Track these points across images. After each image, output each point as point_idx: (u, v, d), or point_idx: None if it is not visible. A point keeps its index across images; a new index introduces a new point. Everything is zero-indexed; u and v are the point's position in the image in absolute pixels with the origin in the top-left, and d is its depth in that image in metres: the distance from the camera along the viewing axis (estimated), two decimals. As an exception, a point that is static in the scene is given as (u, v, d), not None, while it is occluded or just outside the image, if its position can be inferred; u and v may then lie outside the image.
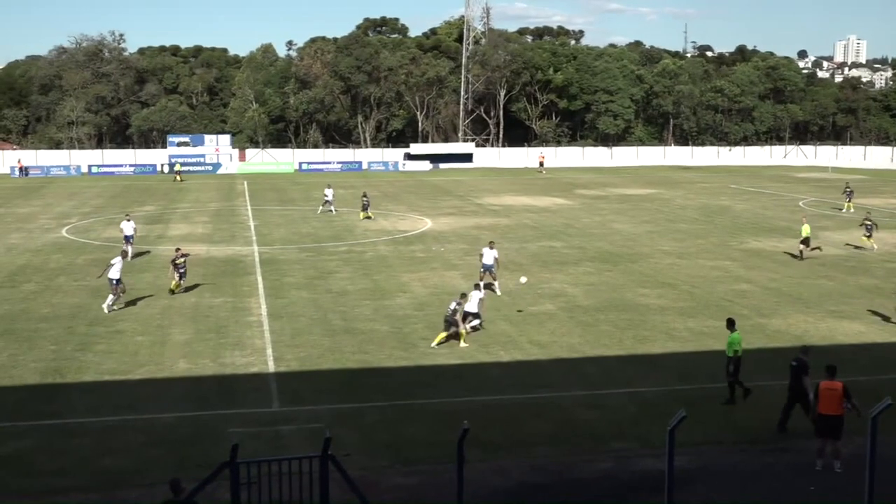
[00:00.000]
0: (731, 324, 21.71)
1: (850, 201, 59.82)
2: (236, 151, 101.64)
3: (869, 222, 43.31)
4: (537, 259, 40.56)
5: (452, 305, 26.09)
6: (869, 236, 42.92)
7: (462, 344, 25.82)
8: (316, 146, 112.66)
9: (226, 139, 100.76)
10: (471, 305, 26.93)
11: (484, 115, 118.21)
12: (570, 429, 19.87)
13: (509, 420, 20.23)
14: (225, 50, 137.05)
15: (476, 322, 27.29)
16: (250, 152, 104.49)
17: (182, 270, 32.72)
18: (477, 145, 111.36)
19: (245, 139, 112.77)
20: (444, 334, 25.96)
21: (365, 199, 55.88)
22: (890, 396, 15.46)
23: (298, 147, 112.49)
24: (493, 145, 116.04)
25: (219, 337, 27.07)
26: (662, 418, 16.18)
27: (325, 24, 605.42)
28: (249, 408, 21.03)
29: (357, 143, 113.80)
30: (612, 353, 25.79)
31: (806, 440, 18.23)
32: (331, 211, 57.78)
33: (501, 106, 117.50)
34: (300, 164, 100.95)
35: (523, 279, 32.93)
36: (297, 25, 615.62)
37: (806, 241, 40.14)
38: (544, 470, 17.67)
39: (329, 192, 58.96)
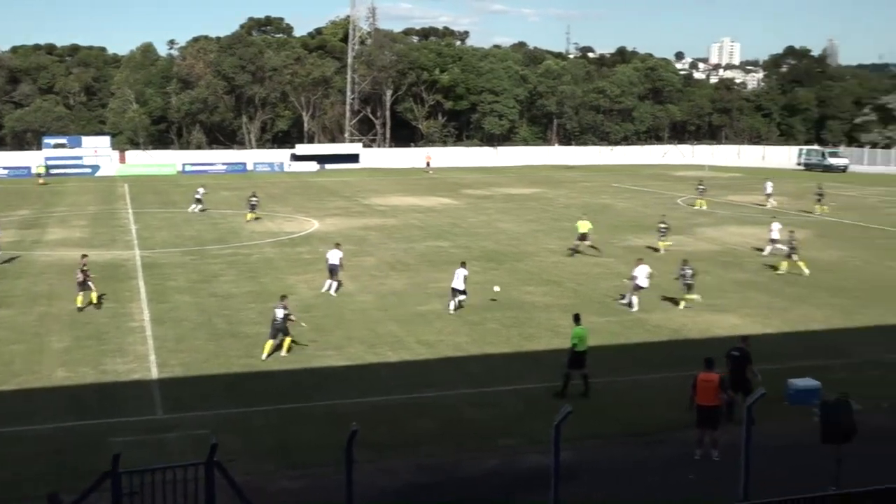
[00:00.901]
0: (576, 318, 22.61)
1: (701, 198, 62.22)
2: (116, 153, 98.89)
3: (664, 225, 43.90)
4: (424, 259, 40.75)
5: (280, 313, 25.04)
6: (662, 238, 43.37)
7: (283, 353, 25.02)
8: (199, 147, 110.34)
9: (105, 140, 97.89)
10: (457, 283, 29.90)
11: (370, 116, 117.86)
12: (457, 427, 20.09)
13: (396, 420, 20.32)
14: (103, 49, 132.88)
15: (462, 297, 30.31)
16: (131, 154, 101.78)
17: (89, 281, 30.65)
18: (364, 146, 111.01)
19: (125, 140, 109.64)
20: (271, 342, 25.00)
21: (254, 199, 55.31)
22: (763, 387, 16.08)
23: (181, 148, 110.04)
24: (379, 145, 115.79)
25: (99, 344, 26.38)
26: (547, 414, 16.48)
27: (208, 23, 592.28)
28: (132, 416, 20.59)
29: (242, 144, 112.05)
30: (499, 350, 26.16)
31: (683, 432, 18.83)
32: (201, 209, 58.20)
33: (388, 106, 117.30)
34: (183, 165, 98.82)
35: (496, 288, 32.47)
36: (179, 24, 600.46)
37: (583, 237, 41.81)
38: (432, 469, 17.82)
39: (200, 191, 59.53)
